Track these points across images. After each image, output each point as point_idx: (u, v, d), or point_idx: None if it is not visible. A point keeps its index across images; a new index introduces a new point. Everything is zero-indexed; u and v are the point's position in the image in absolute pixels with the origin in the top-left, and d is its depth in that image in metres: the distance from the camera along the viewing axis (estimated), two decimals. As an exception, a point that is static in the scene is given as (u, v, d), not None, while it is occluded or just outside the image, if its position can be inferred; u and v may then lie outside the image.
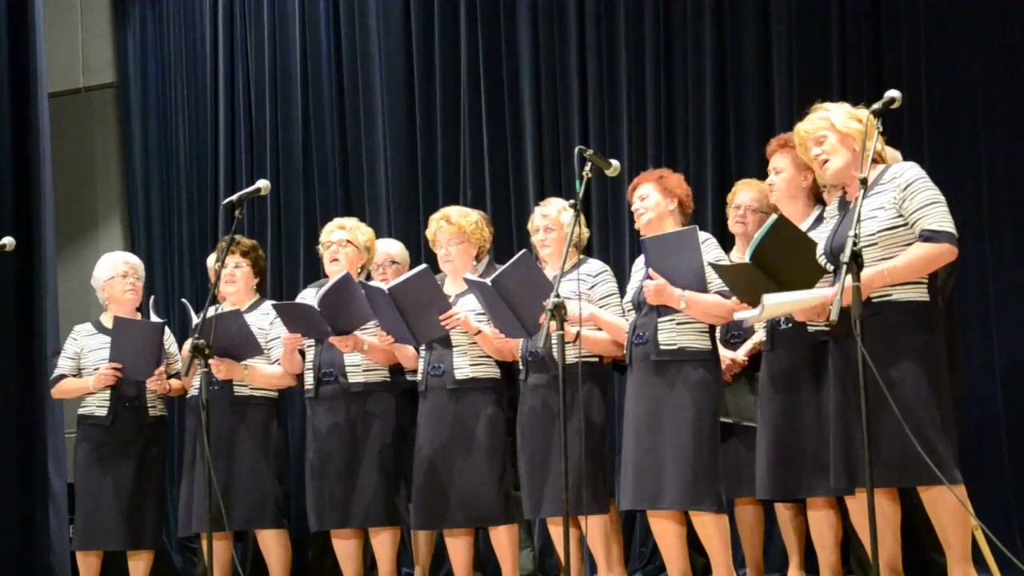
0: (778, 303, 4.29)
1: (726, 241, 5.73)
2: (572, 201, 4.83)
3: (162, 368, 6.08)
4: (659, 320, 4.98)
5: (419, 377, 5.62)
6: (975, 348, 6.14)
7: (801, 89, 6.68)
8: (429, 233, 5.71)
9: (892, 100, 4.22)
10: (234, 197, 5.27)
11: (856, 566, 5.53)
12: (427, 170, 7.83)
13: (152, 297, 6.30)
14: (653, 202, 5.17)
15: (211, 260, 6.85)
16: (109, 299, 6.34)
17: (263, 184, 5.40)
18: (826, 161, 4.45)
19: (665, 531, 5.05)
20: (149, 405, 6.21)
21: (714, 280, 4.92)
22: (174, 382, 6.24)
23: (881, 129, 4.25)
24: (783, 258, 4.39)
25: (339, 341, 5.59)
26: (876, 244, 4.26)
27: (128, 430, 6.18)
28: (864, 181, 4.06)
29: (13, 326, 7.59)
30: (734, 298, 4.80)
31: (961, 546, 4.28)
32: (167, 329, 6.41)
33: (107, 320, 6.35)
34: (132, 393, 6.15)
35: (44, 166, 7.65)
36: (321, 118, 8.21)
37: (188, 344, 5.74)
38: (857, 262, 3.91)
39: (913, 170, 4.33)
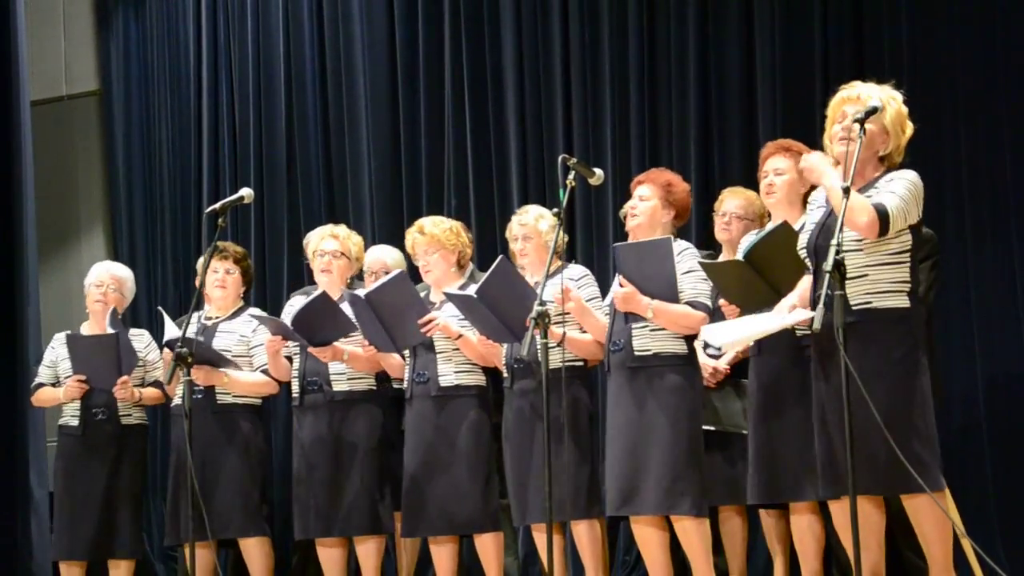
0: (737, 340, 4.33)
1: (712, 247, 5.74)
2: (556, 210, 4.83)
3: (125, 377, 6.06)
4: (633, 327, 5.00)
5: (404, 384, 5.62)
6: (957, 356, 6.16)
7: (784, 92, 6.71)
8: (408, 246, 5.73)
9: (874, 110, 4.24)
10: (217, 205, 5.27)
11: (838, 573, 5.53)
12: (411, 178, 7.83)
13: (113, 308, 6.25)
14: (649, 208, 5.13)
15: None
16: (87, 307, 6.35)
17: (246, 192, 5.39)
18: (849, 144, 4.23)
19: (647, 538, 5.05)
20: (122, 413, 6.18)
21: (685, 290, 4.95)
22: (147, 390, 6.22)
23: (864, 137, 4.24)
24: (775, 259, 4.40)
25: (318, 352, 5.59)
26: (862, 250, 4.25)
27: (100, 439, 6.17)
28: (847, 190, 4.07)
29: (-5, 334, 7.57)
30: (725, 306, 4.81)
31: (943, 555, 4.29)
32: (147, 336, 6.39)
33: (85, 329, 6.35)
34: (102, 402, 6.13)
35: (27, 174, 7.62)
36: (305, 125, 8.21)
37: (169, 352, 5.75)
38: (840, 271, 3.92)
39: (909, 172, 4.29)
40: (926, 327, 4.58)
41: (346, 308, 5.64)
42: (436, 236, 5.60)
